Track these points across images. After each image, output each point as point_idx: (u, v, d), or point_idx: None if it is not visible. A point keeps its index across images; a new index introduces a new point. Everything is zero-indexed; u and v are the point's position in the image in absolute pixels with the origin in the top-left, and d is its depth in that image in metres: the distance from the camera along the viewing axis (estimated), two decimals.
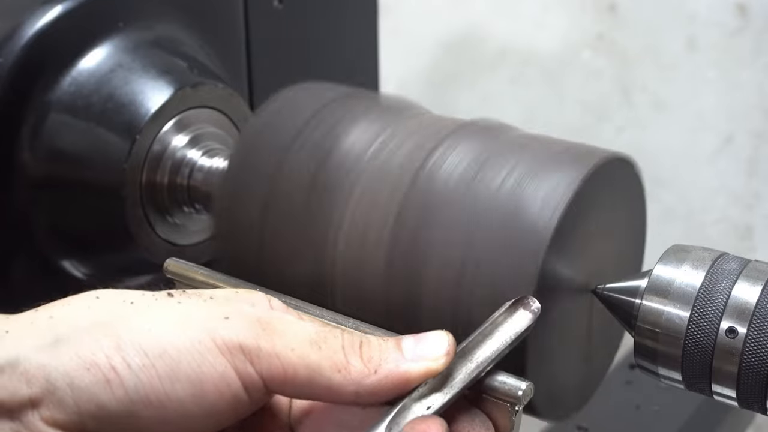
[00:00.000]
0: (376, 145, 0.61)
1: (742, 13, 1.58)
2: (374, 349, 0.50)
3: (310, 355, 0.49)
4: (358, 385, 0.49)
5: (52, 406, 0.46)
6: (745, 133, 1.61)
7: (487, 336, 0.51)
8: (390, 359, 0.50)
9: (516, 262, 0.54)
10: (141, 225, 0.75)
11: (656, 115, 1.68)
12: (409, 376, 0.49)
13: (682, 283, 0.54)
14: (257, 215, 0.63)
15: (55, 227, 0.76)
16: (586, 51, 1.74)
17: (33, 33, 0.73)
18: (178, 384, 0.47)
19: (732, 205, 1.65)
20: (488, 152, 0.59)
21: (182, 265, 0.63)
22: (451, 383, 0.50)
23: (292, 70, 0.94)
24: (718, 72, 1.62)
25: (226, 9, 0.87)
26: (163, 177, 0.75)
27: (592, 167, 0.56)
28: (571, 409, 0.63)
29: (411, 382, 0.49)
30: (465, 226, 0.56)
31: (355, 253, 0.59)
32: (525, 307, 0.52)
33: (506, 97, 1.83)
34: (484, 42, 1.84)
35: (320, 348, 0.49)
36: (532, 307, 0.52)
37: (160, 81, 0.75)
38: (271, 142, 0.64)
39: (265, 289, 0.59)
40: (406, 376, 0.49)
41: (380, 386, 0.49)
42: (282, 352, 0.48)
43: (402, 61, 1.87)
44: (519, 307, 0.52)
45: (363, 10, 1.03)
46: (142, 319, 0.48)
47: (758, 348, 0.51)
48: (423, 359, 0.49)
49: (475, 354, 0.51)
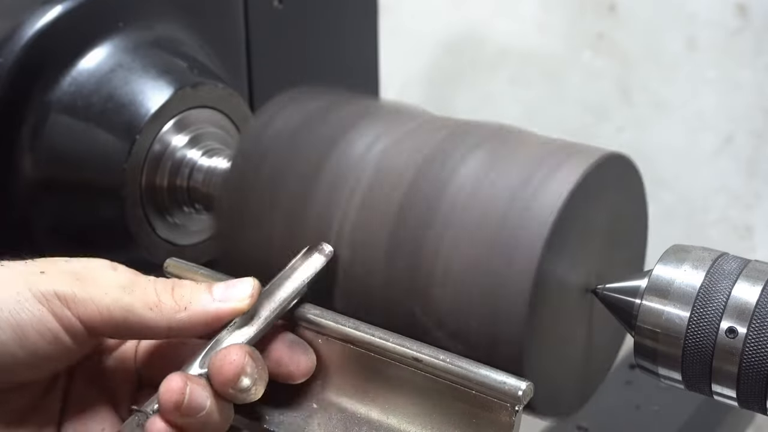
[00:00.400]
0: (376, 146, 0.61)
1: (742, 13, 1.58)
2: (185, 290, 0.57)
3: (123, 297, 0.55)
4: (169, 321, 0.55)
5: None
6: (745, 133, 1.61)
7: (287, 279, 0.59)
8: (201, 299, 0.56)
9: (514, 261, 0.54)
10: (141, 225, 0.75)
11: (656, 115, 1.68)
12: (219, 314, 0.56)
13: (682, 283, 0.54)
14: (260, 217, 0.63)
15: (55, 227, 0.76)
16: (586, 51, 1.73)
17: (33, 33, 0.73)
18: (1, 331, 0.53)
19: (732, 205, 1.65)
20: (487, 152, 0.59)
21: (182, 265, 0.64)
22: (258, 319, 0.57)
23: (292, 70, 0.94)
24: (718, 72, 1.61)
25: (226, 9, 0.87)
26: (163, 177, 0.75)
27: (590, 167, 0.56)
28: (571, 409, 0.63)
29: (221, 319, 0.56)
30: (464, 225, 0.56)
31: (356, 253, 0.59)
32: (319, 252, 0.60)
33: (506, 97, 1.82)
34: (484, 42, 1.84)
35: (133, 291, 0.55)
36: (326, 251, 0.60)
37: (160, 81, 0.75)
38: (272, 144, 0.64)
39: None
40: (216, 313, 0.56)
41: (191, 322, 0.56)
42: (96, 296, 0.55)
43: (402, 61, 1.86)
44: (314, 251, 0.60)
45: (363, 10, 1.03)
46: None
47: (758, 348, 0.51)
48: (231, 300, 0.56)
49: (277, 294, 0.58)
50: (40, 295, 0.54)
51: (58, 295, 0.54)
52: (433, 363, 0.54)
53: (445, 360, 0.54)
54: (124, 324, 0.55)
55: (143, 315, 0.55)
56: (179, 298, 0.56)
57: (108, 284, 0.55)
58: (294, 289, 0.58)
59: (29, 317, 0.53)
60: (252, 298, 0.57)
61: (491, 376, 0.52)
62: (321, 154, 0.62)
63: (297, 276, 0.59)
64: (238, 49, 0.89)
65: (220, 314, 0.56)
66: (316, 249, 0.60)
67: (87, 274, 0.56)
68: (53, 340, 0.54)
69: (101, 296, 0.55)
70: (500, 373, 0.52)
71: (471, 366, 0.53)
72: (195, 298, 0.56)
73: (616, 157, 0.59)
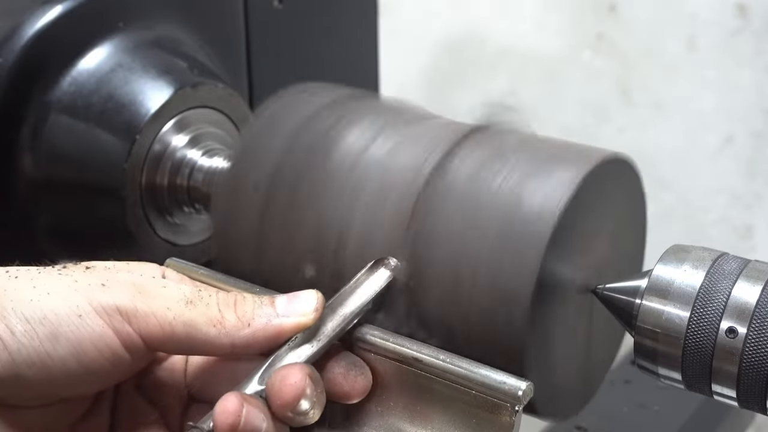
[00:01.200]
0: (376, 146, 0.61)
1: (742, 13, 1.58)
2: (248, 305, 0.54)
3: (185, 312, 0.53)
4: (233, 338, 0.53)
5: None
6: (745, 133, 1.61)
7: (351, 293, 0.56)
8: (263, 314, 0.54)
9: (515, 261, 0.54)
10: (141, 225, 0.75)
11: (656, 115, 1.68)
12: (281, 330, 0.54)
13: (682, 283, 0.54)
14: (258, 217, 0.63)
15: (55, 227, 0.76)
16: (586, 51, 1.73)
17: (33, 33, 0.73)
18: (59, 345, 0.50)
19: (732, 205, 1.65)
20: (488, 153, 0.59)
21: (182, 265, 0.64)
22: (320, 336, 0.54)
23: (292, 70, 0.94)
24: (718, 72, 1.61)
25: (226, 9, 0.87)
26: (163, 177, 0.75)
27: (591, 167, 0.56)
28: (571, 410, 0.63)
29: (283, 335, 0.54)
30: (465, 226, 0.56)
31: (357, 254, 0.59)
32: (385, 266, 0.57)
33: (506, 97, 1.82)
34: (484, 42, 1.84)
35: (195, 306, 0.53)
36: (392, 265, 0.57)
37: (160, 81, 0.75)
38: (271, 142, 0.64)
39: (264, 290, 0.59)
40: (279, 329, 0.54)
41: (254, 338, 0.53)
42: (158, 311, 0.52)
43: (402, 61, 1.86)
44: (379, 266, 0.57)
45: (363, 10, 1.03)
46: (25, 290, 0.52)
47: (758, 348, 0.51)
48: (294, 314, 0.54)
49: (341, 309, 0.55)
50: (101, 309, 0.52)
51: (119, 310, 0.52)
52: (433, 363, 0.54)
53: (445, 360, 0.54)
54: (186, 340, 0.53)
55: (206, 332, 0.53)
56: (242, 314, 0.54)
57: (170, 297, 0.53)
58: (358, 305, 0.56)
59: (89, 332, 0.51)
60: (317, 313, 0.54)
61: (491, 376, 0.52)
62: (320, 154, 0.62)
63: (361, 291, 0.56)
64: (238, 49, 0.89)
65: (284, 330, 0.54)
66: (381, 263, 0.57)
67: (147, 286, 0.54)
68: (111, 356, 0.52)
69: (163, 311, 0.52)
70: (500, 373, 0.52)
71: (471, 366, 0.53)
72: (258, 313, 0.54)
73: (616, 158, 0.59)
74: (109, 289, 0.52)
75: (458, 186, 0.57)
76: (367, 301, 0.56)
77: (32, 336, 0.50)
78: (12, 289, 0.52)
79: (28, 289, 0.52)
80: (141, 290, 0.53)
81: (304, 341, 0.54)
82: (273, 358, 0.53)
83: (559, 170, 0.56)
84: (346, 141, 0.62)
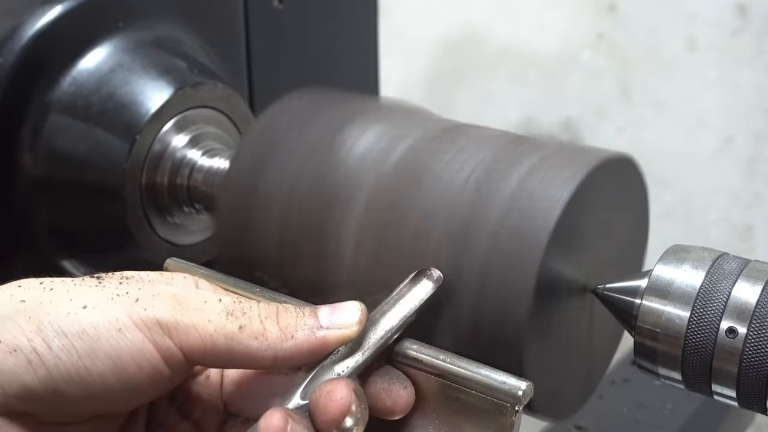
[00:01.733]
0: (379, 147, 0.61)
1: (742, 13, 1.58)
2: (291, 317, 0.52)
3: (226, 324, 0.51)
4: (276, 351, 0.51)
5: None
6: (745, 133, 1.61)
7: (394, 305, 0.54)
8: (306, 326, 0.52)
9: (515, 261, 0.54)
10: (141, 225, 0.75)
11: (656, 115, 1.68)
12: (326, 342, 0.52)
13: (682, 283, 0.54)
14: (258, 218, 0.63)
15: (55, 227, 0.76)
16: (586, 51, 1.73)
17: (33, 33, 0.73)
18: (98, 360, 0.49)
19: (732, 205, 1.65)
20: (489, 154, 0.59)
21: (182, 265, 0.63)
22: (363, 349, 0.53)
23: (292, 70, 0.94)
24: (718, 72, 1.62)
25: (226, 9, 0.87)
26: (163, 177, 0.75)
27: (591, 168, 0.56)
28: (570, 409, 0.63)
29: (327, 347, 0.52)
30: (465, 226, 0.56)
31: (357, 255, 0.59)
32: (428, 277, 0.55)
33: (506, 97, 1.82)
34: (484, 42, 1.84)
35: (237, 318, 0.51)
36: (434, 276, 0.55)
37: (160, 81, 0.75)
38: (274, 144, 0.64)
39: (265, 289, 0.59)
40: (322, 341, 0.52)
41: (297, 351, 0.52)
42: (199, 324, 0.51)
43: (402, 62, 1.87)
44: (422, 277, 0.55)
45: (363, 10, 1.03)
46: (62, 302, 0.50)
47: (758, 348, 0.51)
48: (338, 326, 0.52)
49: (383, 322, 0.54)
50: (141, 323, 0.50)
51: (159, 323, 0.50)
52: (433, 363, 0.54)
53: (445, 360, 0.54)
54: (228, 354, 0.51)
55: (248, 345, 0.51)
56: (285, 326, 0.52)
57: (211, 309, 0.51)
58: (401, 317, 0.54)
59: (128, 347, 0.49)
60: (360, 324, 0.52)
61: (491, 376, 0.52)
62: (321, 155, 0.62)
63: (404, 303, 0.54)
64: (238, 49, 0.89)
65: (327, 342, 0.52)
66: (424, 274, 0.55)
67: (187, 297, 0.52)
68: (151, 371, 0.50)
69: (204, 324, 0.51)
70: (500, 373, 0.52)
71: (471, 366, 0.53)
72: (301, 325, 0.52)
73: (619, 158, 0.59)
74: (149, 302, 0.51)
75: (458, 187, 0.57)
76: (410, 314, 0.54)
77: (70, 351, 0.49)
78: (48, 302, 0.50)
79: (65, 302, 0.50)
80: (181, 302, 0.51)
81: (347, 354, 0.52)
82: (316, 371, 0.52)
83: (559, 170, 0.56)
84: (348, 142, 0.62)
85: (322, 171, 0.61)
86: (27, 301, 0.50)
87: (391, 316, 0.54)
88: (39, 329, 0.49)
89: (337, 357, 0.52)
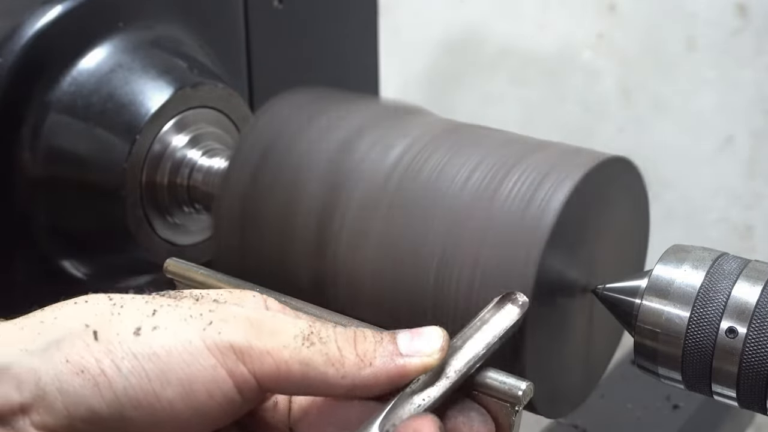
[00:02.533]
0: (379, 147, 0.61)
1: (742, 13, 1.58)
2: (369, 343, 0.49)
3: (302, 350, 0.48)
4: (353, 378, 0.48)
5: (42, 411, 0.46)
6: (745, 133, 1.61)
7: (477, 331, 0.52)
8: (385, 353, 0.49)
9: (514, 262, 0.54)
10: (141, 225, 0.75)
11: (656, 115, 1.68)
12: (406, 371, 0.49)
13: (682, 283, 0.54)
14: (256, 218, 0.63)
15: (55, 227, 0.76)
16: (586, 51, 1.74)
17: (33, 33, 0.73)
18: (168, 386, 0.46)
19: (732, 205, 1.65)
20: (488, 154, 0.59)
21: (182, 265, 0.63)
22: (444, 378, 0.49)
23: (292, 70, 0.94)
24: (718, 72, 1.62)
25: (226, 9, 0.87)
26: (163, 177, 0.75)
27: (589, 168, 0.56)
28: (569, 408, 0.63)
29: (407, 376, 0.49)
30: (464, 227, 0.56)
31: (357, 255, 0.59)
32: (513, 302, 0.53)
33: (506, 97, 1.83)
34: (484, 42, 1.84)
35: (313, 343, 0.48)
36: (520, 302, 0.52)
37: (160, 81, 0.75)
38: (271, 143, 0.64)
39: (265, 289, 0.59)
40: (403, 370, 0.49)
41: (375, 380, 0.49)
42: (274, 349, 0.48)
43: (402, 62, 1.87)
44: (507, 302, 0.53)
45: (363, 10, 1.03)
46: (132, 322, 0.48)
47: (758, 348, 0.51)
48: (419, 354, 0.49)
49: (466, 349, 0.51)
50: (214, 346, 0.47)
51: (233, 348, 0.47)
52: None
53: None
54: (302, 381, 0.48)
55: (324, 371, 0.48)
56: (363, 353, 0.49)
57: (286, 333, 0.48)
58: (485, 345, 0.51)
59: (200, 372, 0.47)
60: (442, 352, 0.49)
61: (491, 376, 0.52)
62: (319, 157, 0.62)
63: (488, 330, 0.51)
64: (238, 49, 0.89)
65: (407, 370, 0.49)
66: (509, 299, 0.53)
67: (262, 320, 0.49)
68: (222, 398, 0.47)
69: (279, 349, 0.48)
70: (500, 373, 0.52)
71: None
72: (379, 352, 0.49)
73: (617, 159, 0.59)
74: (222, 325, 0.48)
75: (458, 187, 0.58)
76: (494, 341, 0.51)
77: (140, 374, 0.46)
78: (117, 321, 0.48)
79: (135, 321, 0.47)
80: (255, 325, 0.49)
81: (427, 384, 0.49)
82: (395, 401, 0.48)
83: (558, 171, 0.56)
84: (348, 141, 0.62)
85: (321, 170, 0.61)
86: (96, 319, 0.48)
87: (474, 343, 0.51)
88: (108, 350, 0.46)
89: (416, 386, 0.49)
